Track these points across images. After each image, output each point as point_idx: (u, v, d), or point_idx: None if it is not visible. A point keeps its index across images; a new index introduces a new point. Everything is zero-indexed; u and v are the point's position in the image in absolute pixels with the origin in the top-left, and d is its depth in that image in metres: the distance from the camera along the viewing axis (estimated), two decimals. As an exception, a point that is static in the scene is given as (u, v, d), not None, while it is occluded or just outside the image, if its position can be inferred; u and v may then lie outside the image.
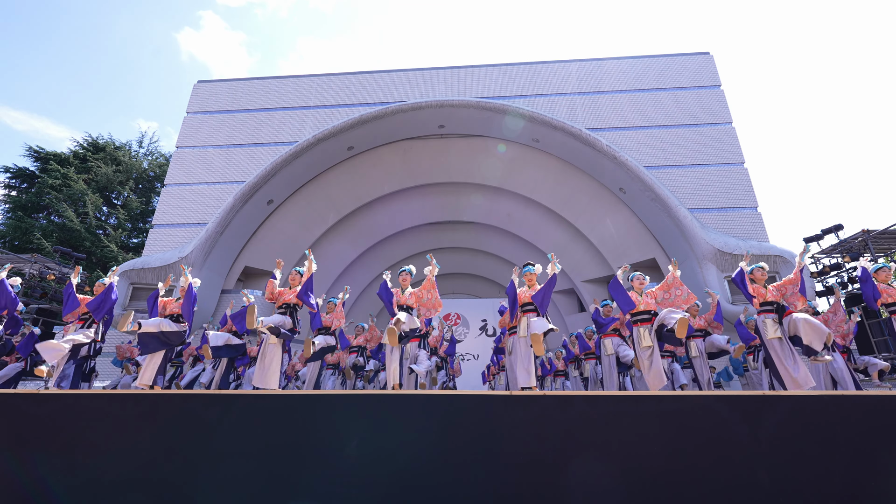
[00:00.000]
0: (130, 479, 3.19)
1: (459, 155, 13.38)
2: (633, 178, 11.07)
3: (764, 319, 4.85)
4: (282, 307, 5.10)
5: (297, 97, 13.02)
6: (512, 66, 12.97)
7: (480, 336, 15.45)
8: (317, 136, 11.93)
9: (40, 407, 3.45)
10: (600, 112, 12.04)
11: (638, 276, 5.30)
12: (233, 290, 11.99)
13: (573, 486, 2.96)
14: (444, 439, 3.19)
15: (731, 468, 2.92)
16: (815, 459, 2.89)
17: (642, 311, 5.02)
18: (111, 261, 17.01)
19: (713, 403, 3.12)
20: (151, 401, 3.47)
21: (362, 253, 14.74)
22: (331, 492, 3.03)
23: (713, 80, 12.28)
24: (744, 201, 10.73)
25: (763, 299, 4.90)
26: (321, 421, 3.30)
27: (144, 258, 10.89)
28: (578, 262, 13.48)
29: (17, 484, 3.19)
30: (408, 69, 13.23)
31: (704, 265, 9.96)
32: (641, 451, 3.02)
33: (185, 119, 13.17)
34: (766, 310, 4.89)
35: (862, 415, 2.98)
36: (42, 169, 18.74)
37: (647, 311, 5.00)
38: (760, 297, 4.91)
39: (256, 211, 12.27)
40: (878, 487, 2.80)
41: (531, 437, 3.11)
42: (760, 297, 4.91)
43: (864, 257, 5.21)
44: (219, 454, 3.25)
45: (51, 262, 11.87)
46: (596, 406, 3.17)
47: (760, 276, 5.02)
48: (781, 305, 4.91)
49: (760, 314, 4.90)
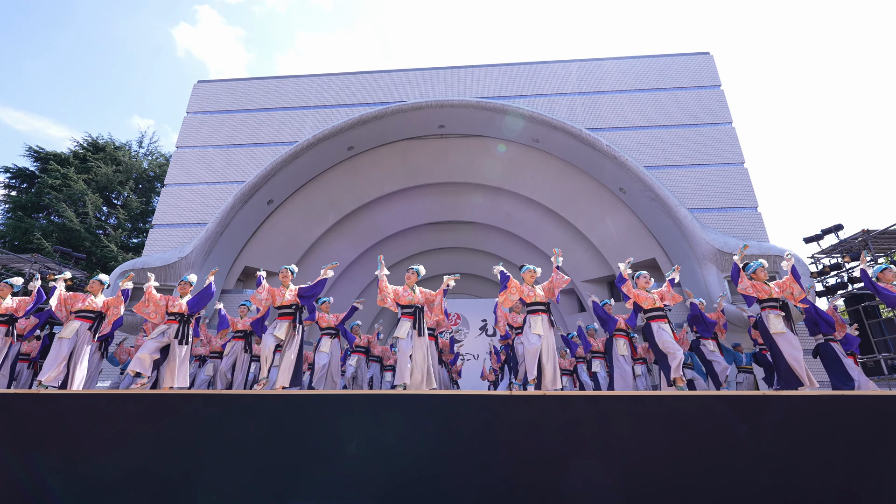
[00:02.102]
0: (130, 479, 3.19)
1: (459, 155, 13.37)
2: (633, 178, 11.07)
3: (768, 314, 4.85)
4: (289, 307, 5.11)
5: (297, 97, 13.02)
6: (512, 66, 12.96)
7: (480, 336, 15.45)
8: (317, 136, 11.92)
9: (40, 407, 3.44)
10: (600, 112, 12.03)
11: (644, 274, 5.39)
12: (233, 290, 12.00)
13: (574, 485, 2.95)
14: (445, 439, 3.20)
15: (731, 468, 2.92)
16: (814, 459, 2.89)
17: (657, 308, 5.11)
18: (111, 261, 17.00)
19: (713, 403, 3.12)
20: (151, 401, 3.47)
21: (362, 253, 14.74)
22: (331, 492, 3.03)
23: (713, 80, 12.28)
24: (744, 201, 10.72)
25: (768, 295, 4.92)
26: (321, 421, 3.30)
27: (144, 258, 10.89)
28: (578, 262, 13.47)
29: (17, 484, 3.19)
30: (408, 69, 13.22)
31: (704, 265, 9.96)
32: (641, 450, 3.02)
33: (185, 119, 13.17)
34: (770, 305, 4.90)
35: (862, 415, 2.98)
36: (42, 169, 18.73)
37: (661, 308, 5.11)
38: (765, 294, 4.93)
39: (256, 211, 12.27)
40: (878, 487, 2.80)
41: (531, 436, 3.11)
42: (765, 293, 4.93)
43: (867, 265, 5.00)
44: (219, 454, 3.25)
45: (51, 262, 11.86)
46: (596, 406, 3.17)
47: (762, 274, 5.06)
48: (786, 302, 4.95)
49: (764, 309, 4.91)
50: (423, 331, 4.98)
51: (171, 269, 10.46)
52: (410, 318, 5.02)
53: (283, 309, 5.12)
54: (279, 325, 5.02)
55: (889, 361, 9.64)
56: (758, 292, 4.95)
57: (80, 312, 5.12)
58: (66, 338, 4.91)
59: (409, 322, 4.99)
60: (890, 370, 9.59)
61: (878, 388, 6.43)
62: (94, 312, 5.19)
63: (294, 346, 5.01)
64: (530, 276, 5.09)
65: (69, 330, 4.97)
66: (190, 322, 5.30)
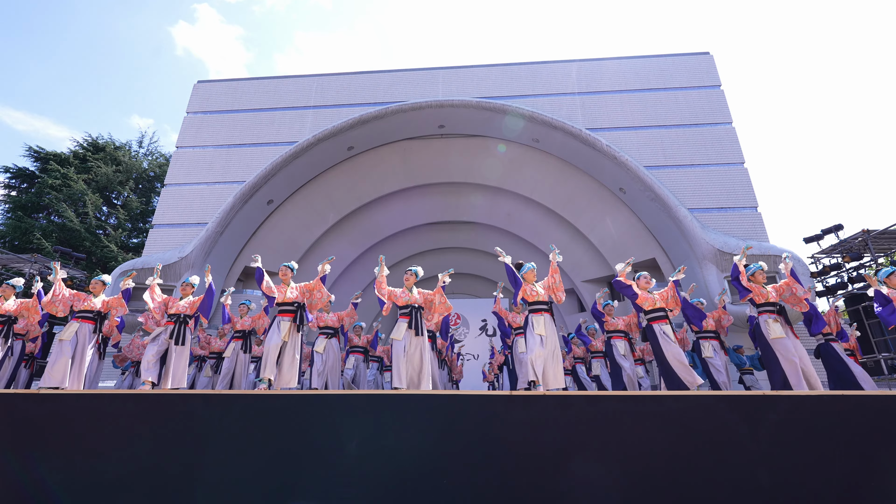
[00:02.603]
0: (130, 479, 3.19)
1: (459, 155, 13.38)
2: (633, 178, 11.07)
3: (766, 319, 4.84)
4: (290, 305, 5.10)
5: (297, 97, 13.02)
6: (512, 66, 12.96)
7: (480, 336, 15.46)
8: (317, 136, 11.92)
9: (40, 407, 3.45)
10: (600, 112, 12.03)
11: (644, 275, 5.34)
12: (233, 291, 12.00)
13: (574, 485, 2.96)
14: (445, 439, 3.20)
15: (731, 468, 2.92)
16: (814, 459, 2.89)
17: (659, 309, 5.07)
18: (111, 261, 17.00)
19: (713, 403, 3.12)
20: (151, 401, 3.47)
21: (362, 253, 14.75)
22: (331, 492, 3.03)
23: (713, 80, 12.28)
24: (744, 201, 10.72)
25: (765, 300, 4.91)
26: (321, 421, 3.30)
27: (144, 258, 10.89)
28: (578, 262, 13.48)
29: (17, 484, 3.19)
30: (408, 69, 13.22)
31: (704, 265, 9.96)
32: (642, 450, 3.02)
33: (185, 119, 13.18)
34: (767, 310, 4.89)
35: (862, 415, 2.98)
36: (42, 169, 18.73)
37: (662, 309, 5.07)
38: (762, 298, 4.92)
39: (256, 211, 12.27)
40: (878, 487, 2.80)
41: (532, 436, 3.11)
42: (762, 297, 4.92)
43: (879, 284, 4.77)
44: (218, 454, 3.25)
45: (51, 262, 11.86)
46: (596, 406, 3.17)
47: (761, 278, 5.04)
48: (783, 306, 4.93)
49: (762, 314, 4.90)
50: (422, 331, 4.95)
51: (171, 269, 10.47)
52: (407, 318, 4.99)
53: (285, 307, 5.11)
54: (281, 323, 5.02)
55: (889, 361, 9.63)
56: (755, 296, 4.95)
57: (81, 313, 5.12)
58: (66, 339, 4.90)
59: (405, 322, 4.96)
60: (890, 370, 9.59)
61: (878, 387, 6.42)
62: (93, 313, 5.19)
63: (296, 345, 5.00)
64: (531, 275, 5.07)
65: (69, 332, 4.96)
66: (188, 323, 5.31)
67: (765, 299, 4.91)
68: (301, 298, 5.21)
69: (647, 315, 5.14)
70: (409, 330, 4.92)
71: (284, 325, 4.99)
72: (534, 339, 4.65)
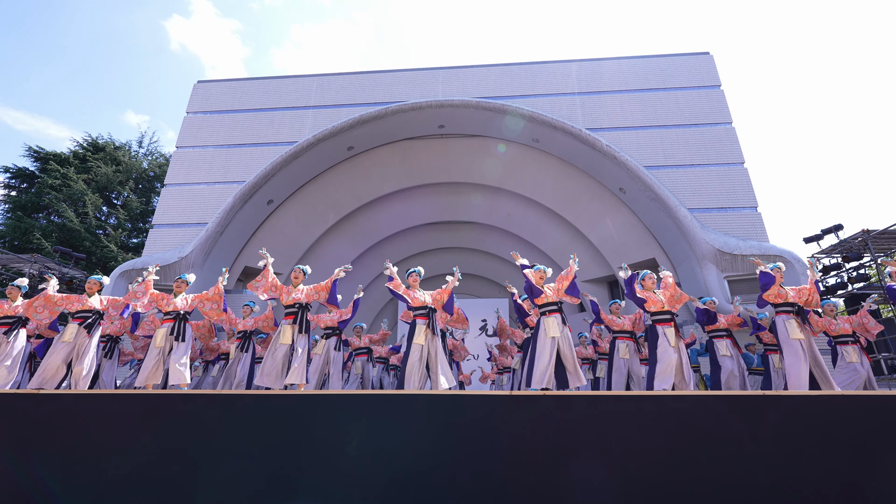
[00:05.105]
0: (130, 479, 3.19)
1: (459, 155, 13.37)
2: (633, 178, 11.07)
3: (786, 320, 4.81)
4: (292, 307, 5.10)
5: (297, 97, 13.02)
6: (512, 66, 12.96)
7: (480, 336, 15.44)
8: (317, 136, 11.92)
9: (40, 407, 3.45)
10: (600, 112, 12.03)
11: (649, 274, 5.28)
12: (233, 291, 11.99)
13: (574, 485, 2.96)
14: (445, 439, 3.20)
15: (731, 468, 2.92)
16: (814, 459, 2.89)
17: (665, 312, 4.97)
18: (111, 261, 16.99)
19: (713, 403, 3.12)
20: (152, 401, 3.47)
21: (362, 253, 14.75)
22: (331, 492, 3.04)
23: (713, 80, 12.28)
24: (744, 201, 10.72)
25: (784, 300, 4.90)
26: (321, 421, 3.30)
27: (144, 258, 10.89)
28: (578, 262, 13.48)
29: (17, 484, 3.19)
30: (408, 69, 13.22)
31: (704, 265, 9.96)
32: (642, 450, 3.02)
33: (184, 119, 13.18)
34: (787, 310, 4.87)
35: (862, 415, 2.98)
36: (42, 169, 18.71)
37: (669, 312, 4.97)
38: (781, 298, 4.91)
39: (256, 211, 12.27)
40: (878, 487, 2.80)
41: (532, 436, 3.11)
42: (781, 297, 4.91)
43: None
44: (219, 454, 3.25)
45: (51, 262, 11.85)
46: (596, 406, 3.18)
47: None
48: (801, 308, 4.92)
49: (780, 314, 4.88)
50: (437, 331, 4.91)
51: (170, 269, 10.46)
52: (425, 318, 4.89)
53: (288, 309, 5.12)
54: (283, 330, 5.03)
55: (889, 361, 9.64)
56: (775, 297, 4.94)
57: (79, 314, 5.10)
58: (66, 341, 4.89)
59: (424, 323, 4.85)
60: (890, 370, 9.60)
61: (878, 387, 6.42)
62: (91, 311, 5.17)
63: (304, 346, 5.00)
64: (540, 276, 5.05)
65: (68, 333, 4.95)
66: (186, 319, 5.32)
67: (783, 299, 4.90)
68: (307, 300, 5.20)
69: (652, 316, 5.07)
70: (427, 330, 4.82)
71: (286, 332, 5.00)
72: (545, 342, 4.60)
